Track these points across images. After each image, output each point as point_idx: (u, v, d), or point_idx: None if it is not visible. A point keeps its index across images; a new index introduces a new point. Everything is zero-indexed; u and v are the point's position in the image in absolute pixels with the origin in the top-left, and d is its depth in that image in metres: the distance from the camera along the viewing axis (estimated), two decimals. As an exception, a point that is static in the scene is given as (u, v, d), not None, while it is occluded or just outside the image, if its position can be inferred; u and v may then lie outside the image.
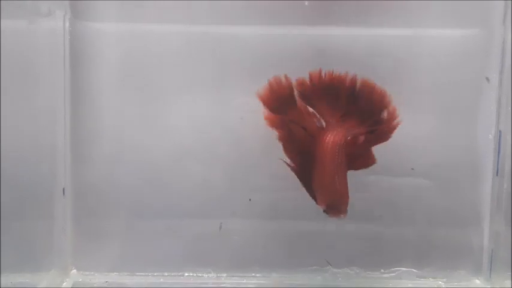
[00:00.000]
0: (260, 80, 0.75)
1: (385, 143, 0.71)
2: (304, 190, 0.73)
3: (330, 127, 0.69)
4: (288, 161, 0.71)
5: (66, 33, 0.76)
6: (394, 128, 0.69)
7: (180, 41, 0.76)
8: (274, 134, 0.76)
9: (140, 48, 0.76)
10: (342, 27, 0.76)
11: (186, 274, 0.78)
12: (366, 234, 0.77)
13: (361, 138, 0.69)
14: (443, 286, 0.78)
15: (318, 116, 0.70)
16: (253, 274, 0.78)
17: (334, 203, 0.68)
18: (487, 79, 0.75)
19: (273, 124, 0.71)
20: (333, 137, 0.67)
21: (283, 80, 0.70)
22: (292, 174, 0.74)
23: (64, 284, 0.76)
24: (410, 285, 0.77)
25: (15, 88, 0.64)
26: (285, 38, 0.76)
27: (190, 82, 0.77)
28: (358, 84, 0.68)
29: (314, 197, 0.70)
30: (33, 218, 0.71)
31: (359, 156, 0.69)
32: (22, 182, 0.68)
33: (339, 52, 0.76)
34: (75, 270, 0.78)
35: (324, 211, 0.70)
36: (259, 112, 0.76)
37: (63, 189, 0.77)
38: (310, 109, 0.70)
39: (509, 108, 0.74)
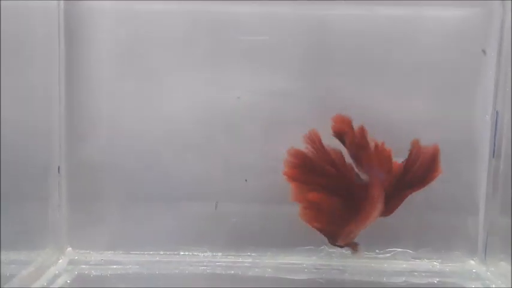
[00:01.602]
0: (257, 59, 0.75)
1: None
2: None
3: (375, 182, 0.70)
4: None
5: (60, 12, 0.75)
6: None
7: (177, 20, 0.76)
8: (271, 114, 0.76)
9: (136, 27, 0.76)
10: (340, 5, 0.75)
11: (182, 253, 0.78)
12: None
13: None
14: (438, 267, 0.78)
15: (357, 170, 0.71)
16: (248, 253, 0.78)
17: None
18: (484, 51, 0.74)
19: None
20: (380, 192, 0.69)
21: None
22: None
23: (59, 262, 0.76)
24: (405, 266, 0.77)
25: (8, 67, 0.64)
26: (282, 16, 0.75)
27: (187, 61, 0.76)
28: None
29: (333, 237, 0.71)
30: (28, 196, 0.71)
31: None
32: (16, 159, 0.67)
33: (337, 31, 0.76)
34: (70, 248, 0.78)
35: (337, 245, 0.71)
36: (256, 92, 0.76)
37: (58, 167, 0.77)
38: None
39: (507, 88, 0.74)
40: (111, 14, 0.76)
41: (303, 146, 0.72)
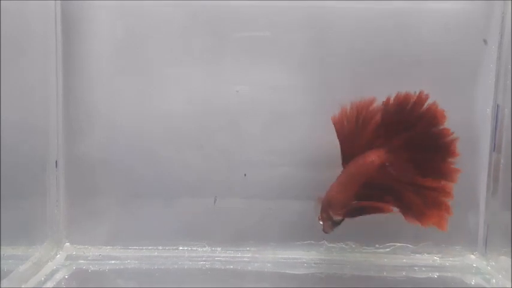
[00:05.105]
0: (256, 53, 0.75)
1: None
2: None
3: None
4: None
5: (57, 8, 0.75)
6: None
7: (176, 14, 0.75)
8: (270, 108, 0.76)
9: (134, 22, 0.76)
10: (340, -1, 0.75)
11: (181, 248, 0.78)
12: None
13: None
14: (439, 261, 0.77)
15: None
16: (247, 248, 0.78)
17: None
18: (485, 41, 0.74)
19: None
20: None
21: None
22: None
23: (57, 257, 0.76)
24: (405, 260, 0.77)
25: (6, 64, 0.64)
26: (282, 10, 0.75)
27: (185, 55, 0.76)
28: None
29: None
30: (26, 191, 0.71)
31: None
32: (14, 155, 0.67)
33: (338, 24, 0.75)
34: (68, 243, 0.78)
35: None
36: (255, 86, 0.76)
37: (56, 162, 0.76)
38: None
39: (508, 81, 0.74)
40: (108, 9, 0.75)
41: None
